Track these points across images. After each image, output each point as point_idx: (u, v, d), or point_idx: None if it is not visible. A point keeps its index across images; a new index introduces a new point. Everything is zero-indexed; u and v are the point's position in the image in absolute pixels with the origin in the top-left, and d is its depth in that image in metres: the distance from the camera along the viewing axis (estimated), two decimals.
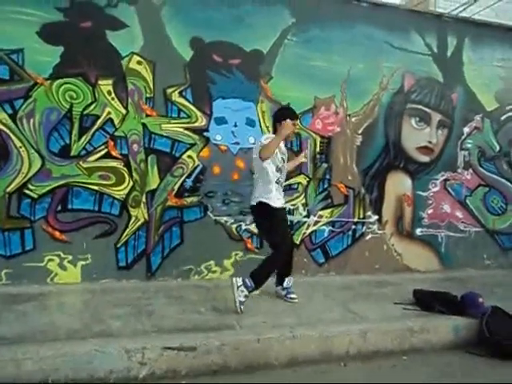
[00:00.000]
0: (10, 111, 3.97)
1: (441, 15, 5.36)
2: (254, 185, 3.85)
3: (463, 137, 5.54)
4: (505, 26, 5.68)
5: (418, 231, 5.40)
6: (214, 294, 3.95)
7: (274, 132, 3.81)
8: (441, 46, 5.37)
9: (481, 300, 3.77)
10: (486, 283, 4.83)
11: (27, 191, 4.04)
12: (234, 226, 4.60)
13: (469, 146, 5.58)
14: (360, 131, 5.09)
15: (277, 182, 3.77)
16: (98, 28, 4.15)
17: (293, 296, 3.91)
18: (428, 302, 3.89)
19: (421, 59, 5.28)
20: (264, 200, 3.71)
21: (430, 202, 5.44)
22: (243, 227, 4.62)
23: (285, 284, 3.92)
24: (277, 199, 3.75)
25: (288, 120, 3.68)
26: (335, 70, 4.89)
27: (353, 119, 5.05)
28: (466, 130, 5.55)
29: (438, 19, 5.36)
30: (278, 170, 3.77)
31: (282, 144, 3.76)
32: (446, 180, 5.49)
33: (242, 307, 3.51)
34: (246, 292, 3.52)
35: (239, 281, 3.53)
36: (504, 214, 5.76)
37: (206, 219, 4.54)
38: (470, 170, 5.60)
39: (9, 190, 3.99)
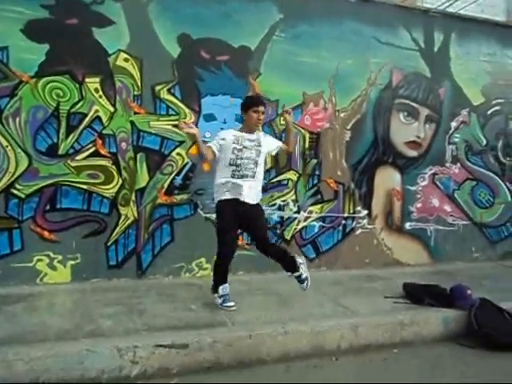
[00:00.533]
0: None
1: (428, 10, 5.39)
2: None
3: (451, 131, 5.60)
4: (491, 21, 5.73)
5: (408, 225, 5.45)
6: (206, 291, 3.94)
7: (243, 122, 3.66)
8: (428, 41, 5.41)
9: (469, 292, 3.82)
10: (474, 276, 4.89)
11: (14, 191, 3.99)
12: None
13: (456, 140, 5.64)
14: (349, 127, 5.11)
15: (232, 176, 3.53)
16: (84, 25, 4.10)
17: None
18: (418, 295, 3.93)
19: (408, 54, 5.31)
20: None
21: (419, 196, 5.49)
22: None
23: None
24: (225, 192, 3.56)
25: (250, 111, 3.53)
26: (324, 66, 4.90)
27: (341, 115, 5.07)
28: (454, 124, 5.61)
29: (425, 14, 5.39)
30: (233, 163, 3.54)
31: (243, 135, 3.57)
32: (434, 174, 5.54)
33: (228, 304, 3.54)
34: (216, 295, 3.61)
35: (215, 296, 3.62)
36: (491, 207, 5.84)
37: (196, 217, 4.54)
38: (458, 164, 5.66)
39: None
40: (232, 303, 3.59)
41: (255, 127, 3.64)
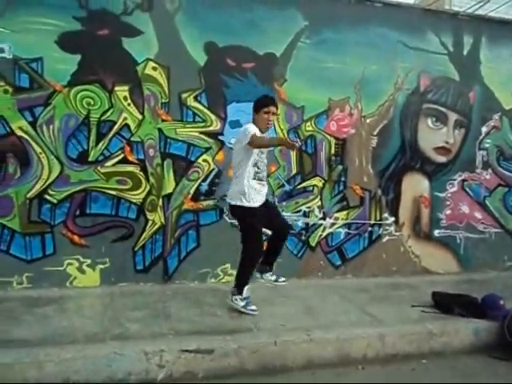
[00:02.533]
0: (30, 119, 4.06)
1: (456, 13, 5.29)
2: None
3: (481, 136, 5.46)
4: None
5: (436, 233, 5.33)
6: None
7: (253, 122, 3.61)
8: (457, 44, 5.30)
9: (502, 302, 3.70)
10: (508, 285, 4.74)
11: (47, 196, 4.13)
12: None
13: (487, 145, 5.49)
14: (375, 132, 5.05)
15: (254, 178, 3.55)
16: (114, 35, 4.22)
17: (282, 279, 3.84)
18: (447, 304, 3.83)
19: (437, 58, 5.22)
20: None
21: (448, 203, 5.37)
22: None
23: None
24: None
25: (262, 112, 3.50)
26: (349, 72, 4.87)
27: (368, 120, 5.02)
28: (484, 129, 5.46)
29: (454, 18, 5.29)
30: (255, 164, 3.56)
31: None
32: (464, 180, 5.41)
33: (252, 307, 3.55)
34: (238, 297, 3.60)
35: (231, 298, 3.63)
36: None
37: (222, 222, 4.56)
38: (489, 170, 5.51)
39: (29, 195, 4.08)
40: (254, 307, 3.59)
41: (265, 128, 3.58)
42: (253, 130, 3.46)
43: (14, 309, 3.54)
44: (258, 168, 3.59)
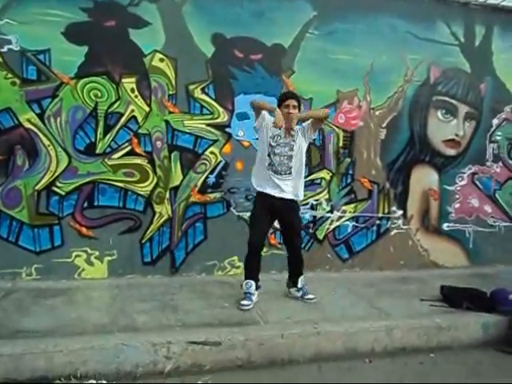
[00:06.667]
0: (38, 111, 4.07)
1: (467, 2, 5.18)
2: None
3: (492, 129, 5.38)
4: None
5: (445, 226, 5.28)
6: (238, 289, 3.96)
7: None
8: (468, 35, 5.21)
9: (511, 297, 3.66)
10: None
11: (55, 188, 4.14)
12: None
13: (498, 138, 5.41)
14: (384, 125, 5.00)
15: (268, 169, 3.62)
16: (121, 27, 4.20)
17: (310, 296, 3.79)
18: (456, 298, 3.80)
19: (447, 49, 5.13)
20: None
21: (457, 196, 5.31)
22: None
23: (299, 285, 3.81)
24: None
25: (282, 107, 3.58)
26: (358, 63, 4.81)
27: (376, 113, 4.96)
28: (495, 121, 5.38)
29: (465, 7, 5.18)
30: (268, 155, 3.63)
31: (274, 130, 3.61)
32: (473, 173, 5.34)
33: (242, 302, 3.56)
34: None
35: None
36: None
37: (229, 215, 4.56)
38: (500, 163, 5.44)
39: (38, 187, 4.10)
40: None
41: (281, 124, 3.56)
42: (269, 117, 3.65)
43: (23, 300, 3.57)
44: (271, 160, 3.62)
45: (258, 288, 3.69)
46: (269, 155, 3.62)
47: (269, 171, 3.62)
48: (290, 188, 3.64)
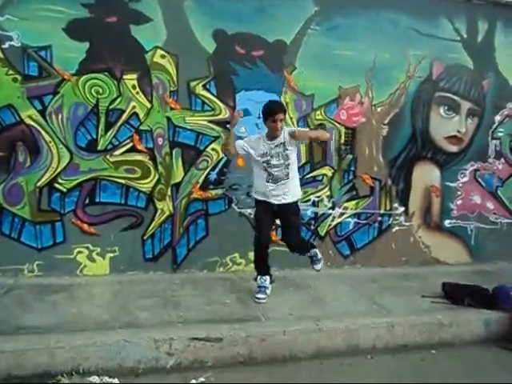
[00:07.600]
0: (40, 107, 4.06)
1: None
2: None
3: (494, 125, 5.36)
4: None
5: (447, 223, 5.27)
6: (239, 285, 3.97)
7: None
8: (471, 30, 5.18)
9: None
10: None
11: (57, 185, 4.14)
12: None
13: (500, 134, 5.39)
14: (386, 121, 4.98)
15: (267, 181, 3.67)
16: (123, 23, 4.18)
17: (316, 267, 4.01)
18: (457, 295, 3.80)
19: (450, 45, 5.11)
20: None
21: (459, 192, 5.30)
22: None
23: (308, 254, 4.00)
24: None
25: (269, 121, 3.54)
26: (360, 59, 4.79)
27: (378, 109, 4.94)
28: (498, 118, 5.36)
29: (468, 3, 5.15)
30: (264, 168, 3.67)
31: (263, 144, 3.63)
32: (476, 170, 5.33)
33: (257, 296, 3.67)
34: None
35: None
36: None
37: (231, 212, 4.56)
38: (502, 160, 5.42)
39: (39, 184, 4.10)
40: (262, 295, 3.68)
41: (274, 136, 3.60)
42: (240, 144, 3.77)
43: (25, 296, 3.58)
44: (269, 173, 3.67)
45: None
46: (265, 169, 3.66)
47: (268, 182, 3.66)
48: (290, 191, 3.69)
